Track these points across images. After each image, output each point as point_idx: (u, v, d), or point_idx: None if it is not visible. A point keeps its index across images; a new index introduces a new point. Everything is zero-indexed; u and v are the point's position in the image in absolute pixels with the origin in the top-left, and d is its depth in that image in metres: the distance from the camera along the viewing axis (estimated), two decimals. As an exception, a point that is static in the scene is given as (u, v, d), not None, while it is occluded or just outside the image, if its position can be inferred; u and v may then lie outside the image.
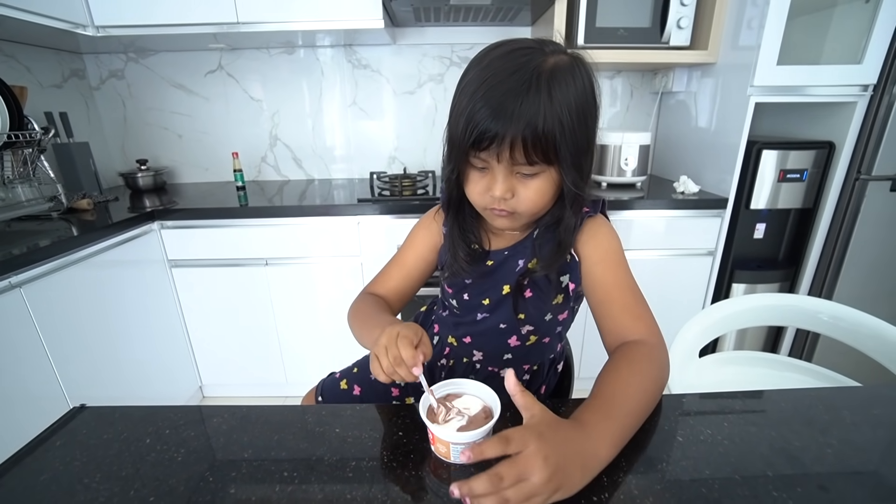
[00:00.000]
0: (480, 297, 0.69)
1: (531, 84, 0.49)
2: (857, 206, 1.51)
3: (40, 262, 1.10)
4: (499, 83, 0.49)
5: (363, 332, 0.62)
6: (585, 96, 0.53)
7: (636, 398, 0.47)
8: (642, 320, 0.57)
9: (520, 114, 0.48)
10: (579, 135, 0.52)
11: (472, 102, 0.51)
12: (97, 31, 1.51)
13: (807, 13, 1.53)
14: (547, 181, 0.55)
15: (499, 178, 0.54)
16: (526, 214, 0.58)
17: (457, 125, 0.53)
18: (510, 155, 0.51)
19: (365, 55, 1.92)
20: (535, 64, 0.50)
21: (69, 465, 0.43)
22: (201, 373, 1.76)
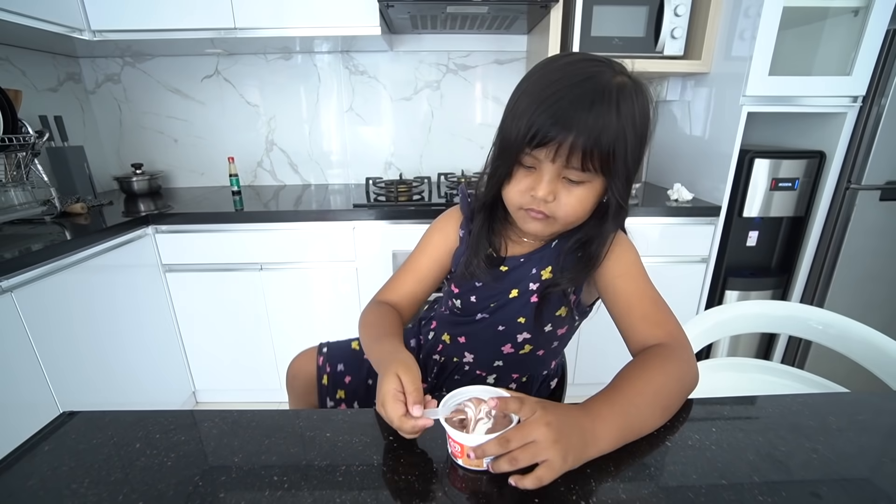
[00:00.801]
0: (488, 300, 0.69)
1: (602, 95, 0.49)
2: (847, 215, 1.53)
3: (32, 267, 1.09)
4: (568, 87, 0.50)
5: (370, 351, 0.61)
6: (646, 118, 0.54)
7: (646, 392, 0.48)
8: (663, 327, 0.57)
9: (587, 120, 0.49)
10: (636, 153, 0.53)
11: (537, 101, 0.51)
12: (94, 35, 1.51)
13: (798, 25, 1.56)
14: (591, 191, 0.55)
15: (545, 178, 0.53)
16: (561, 221, 0.57)
17: (516, 123, 0.52)
18: (566, 159, 0.51)
19: (362, 61, 1.93)
20: (605, 78, 0.51)
21: (57, 471, 0.43)
22: (195, 378, 1.75)
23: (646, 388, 0.48)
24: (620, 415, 0.45)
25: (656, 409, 0.48)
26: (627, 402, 0.46)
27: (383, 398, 0.47)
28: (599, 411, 0.45)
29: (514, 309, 0.68)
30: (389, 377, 0.48)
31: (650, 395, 0.48)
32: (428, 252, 0.72)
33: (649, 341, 0.56)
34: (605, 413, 0.45)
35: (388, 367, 0.50)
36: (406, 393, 0.47)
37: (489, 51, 1.93)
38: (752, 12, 1.39)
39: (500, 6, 1.48)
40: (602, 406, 0.45)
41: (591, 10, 1.54)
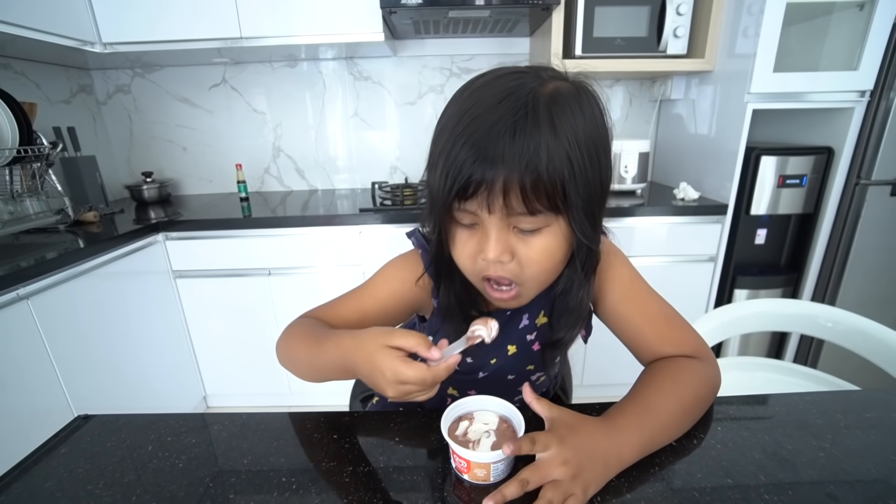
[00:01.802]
0: (486, 358, 0.61)
1: (527, 112, 0.39)
2: (857, 211, 1.51)
3: (47, 274, 1.12)
4: (484, 113, 0.40)
5: (323, 352, 0.49)
6: (596, 128, 0.43)
7: (672, 410, 0.45)
8: (686, 342, 0.52)
9: (515, 150, 0.39)
10: (591, 175, 0.42)
11: (451, 140, 0.41)
12: (105, 47, 1.55)
13: (802, 21, 1.55)
14: (554, 238, 0.44)
15: (492, 236, 0.43)
16: (532, 283, 0.47)
17: (435, 171, 0.43)
18: (504, 203, 0.40)
19: (366, 67, 1.95)
20: (529, 89, 0.41)
21: (73, 473, 0.44)
22: (205, 383, 1.77)
23: (674, 407, 0.46)
24: (648, 437, 0.43)
25: (681, 426, 0.46)
26: (657, 424, 0.44)
27: (394, 372, 0.40)
28: (625, 429, 0.43)
29: (518, 362, 0.61)
30: (380, 352, 0.41)
31: (679, 415, 0.46)
32: (382, 294, 0.60)
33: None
34: (632, 433, 0.43)
35: (366, 344, 0.42)
36: (411, 347, 0.41)
37: (492, 54, 1.93)
38: (755, 9, 1.38)
39: (501, 9, 1.49)
40: (631, 424, 0.43)
41: (592, 11, 1.55)
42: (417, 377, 0.40)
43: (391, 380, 0.40)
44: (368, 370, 0.42)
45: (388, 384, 0.41)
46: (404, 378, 0.40)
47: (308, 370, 0.53)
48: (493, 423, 0.45)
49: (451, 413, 0.46)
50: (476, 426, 0.45)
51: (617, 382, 1.54)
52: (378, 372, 0.41)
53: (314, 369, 0.52)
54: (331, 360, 0.47)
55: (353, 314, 0.58)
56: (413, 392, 0.41)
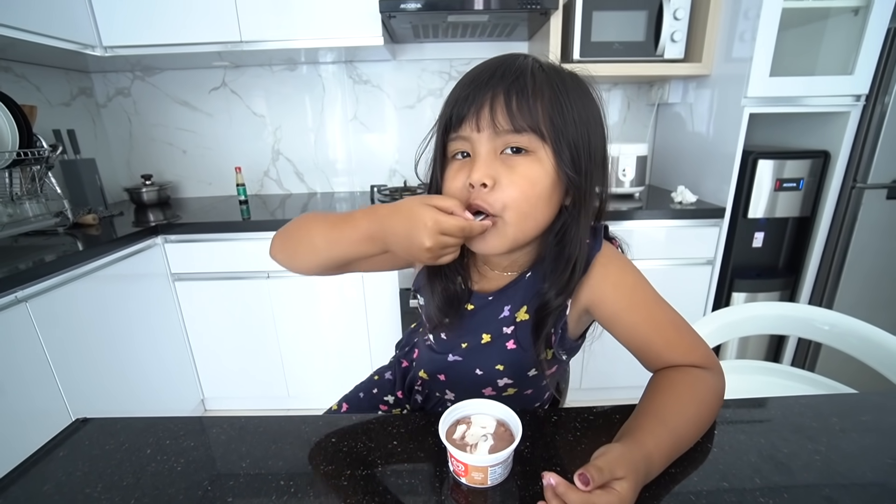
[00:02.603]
0: (458, 339, 0.60)
1: (521, 63, 0.46)
2: (854, 215, 1.52)
3: (46, 277, 1.12)
4: (480, 67, 0.48)
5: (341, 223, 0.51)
6: (586, 101, 0.49)
7: (690, 425, 0.45)
8: (696, 351, 0.50)
9: (504, 74, 0.45)
10: (577, 123, 0.46)
11: (455, 92, 0.49)
12: (105, 51, 1.55)
13: (798, 25, 1.56)
14: (538, 166, 0.47)
15: (481, 155, 0.47)
16: (515, 216, 0.47)
17: (438, 119, 0.50)
18: (492, 119, 0.45)
19: (366, 71, 1.96)
20: (524, 57, 0.48)
21: (72, 476, 0.44)
22: (203, 386, 1.77)
23: (696, 427, 0.45)
24: (670, 452, 0.42)
25: (695, 438, 0.46)
26: (683, 446, 0.44)
27: (435, 220, 0.43)
28: (659, 459, 0.41)
29: (489, 355, 0.59)
30: (422, 207, 0.45)
31: (695, 428, 0.45)
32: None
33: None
34: (664, 461, 0.42)
35: (407, 204, 0.46)
36: (449, 207, 0.45)
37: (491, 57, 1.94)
38: (751, 14, 1.40)
39: (500, 14, 1.50)
40: (663, 453, 0.42)
41: (590, 15, 1.56)
42: (457, 225, 0.44)
43: (432, 228, 0.44)
44: (407, 226, 0.45)
45: (428, 234, 0.44)
46: (445, 227, 0.44)
47: (324, 246, 0.53)
48: (490, 427, 0.46)
49: (449, 417, 0.47)
50: (474, 430, 0.45)
51: (616, 385, 1.55)
52: (420, 223, 0.44)
53: (332, 245, 0.52)
54: (360, 229, 0.49)
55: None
56: (448, 245, 0.45)
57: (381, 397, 0.79)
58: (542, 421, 0.52)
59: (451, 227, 0.44)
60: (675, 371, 0.49)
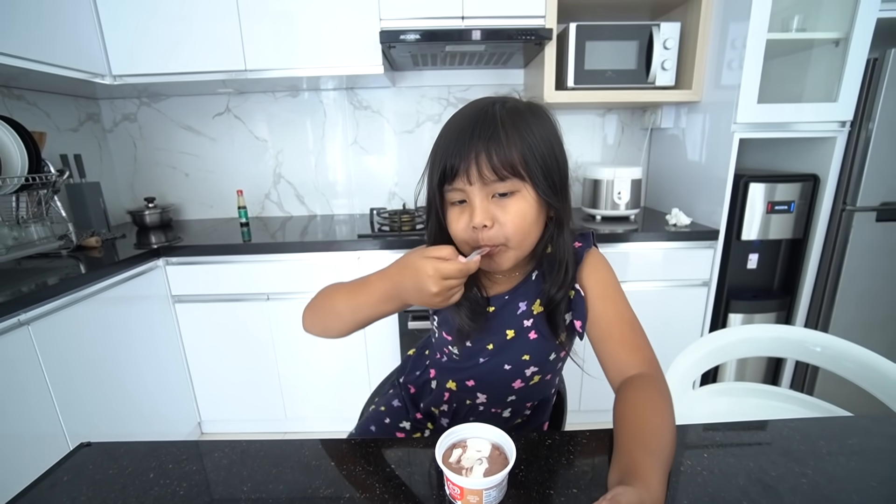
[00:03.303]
0: (483, 342, 0.68)
1: (489, 116, 0.55)
2: (845, 237, 1.55)
3: (48, 300, 1.13)
4: (459, 123, 0.56)
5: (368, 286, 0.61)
6: (545, 127, 0.58)
7: (673, 445, 0.47)
8: (640, 351, 0.59)
9: (482, 135, 0.53)
10: (545, 151, 0.56)
11: (437, 147, 0.57)
12: (114, 79, 1.60)
13: (783, 55, 1.62)
14: (525, 202, 0.56)
15: (476, 203, 0.55)
16: (515, 243, 0.57)
17: (430, 172, 0.58)
18: (479, 173, 0.54)
19: (366, 97, 2.02)
20: (492, 105, 0.56)
21: (76, 500, 0.45)
22: (200, 409, 1.76)
23: (672, 441, 0.48)
24: (664, 471, 0.44)
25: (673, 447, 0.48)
26: (664, 461, 0.45)
27: (436, 269, 0.52)
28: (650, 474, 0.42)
29: (515, 349, 0.67)
30: (423, 260, 0.53)
31: (673, 450, 0.47)
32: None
33: (629, 368, 0.57)
34: (659, 480, 0.42)
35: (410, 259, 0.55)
36: (445, 255, 0.53)
37: (488, 84, 2.00)
38: (737, 44, 1.45)
39: (496, 44, 1.56)
40: (662, 479, 0.43)
41: (584, 45, 1.62)
42: (456, 269, 0.52)
43: (435, 276, 0.52)
44: (414, 279, 0.54)
45: (434, 281, 0.52)
46: (446, 272, 0.52)
47: (349, 313, 0.63)
48: (485, 451, 0.47)
49: (445, 441, 0.48)
50: (469, 453, 0.46)
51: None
52: (424, 274, 0.52)
53: (356, 311, 0.62)
54: (377, 291, 0.60)
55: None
56: (453, 287, 0.53)
57: (397, 425, 0.79)
58: (536, 444, 0.53)
59: (452, 271, 0.52)
60: (640, 393, 0.54)
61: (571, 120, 2.07)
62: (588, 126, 2.08)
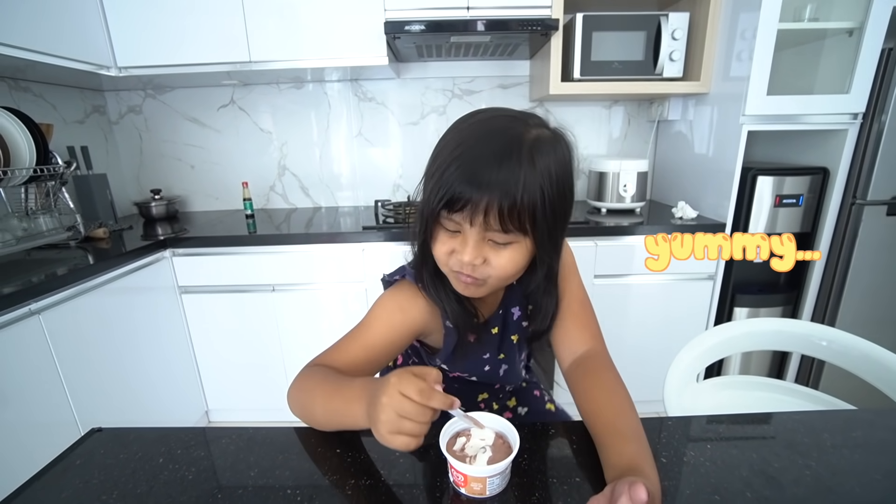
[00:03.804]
0: (496, 356, 0.69)
1: (512, 150, 0.47)
2: (854, 231, 1.53)
3: (58, 290, 1.15)
4: (477, 145, 0.48)
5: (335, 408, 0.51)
6: (566, 170, 0.52)
7: (636, 420, 0.50)
8: (588, 328, 0.62)
9: (499, 178, 0.46)
10: (558, 206, 0.50)
11: (447, 163, 0.49)
12: (120, 71, 1.61)
13: (794, 46, 1.60)
14: (520, 251, 0.52)
15: (469, 243, 0.50)
16: (494, 281, 0.54)
17: (431, 185, 0.50)
18: (484, 220, 0.48)
19: (370, 88, 2.01)
20: (516, 132, 0.49)
21: (88, 484, 0.46)
22: (208, 398, 1.78)
23: (635, 418, 0.50)
24: (646, 448, 0.46)
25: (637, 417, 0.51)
26: (641, 439, 0.47)
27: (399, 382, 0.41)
28: (643, 463, 0.44)
29: (520, 349, 0.71)
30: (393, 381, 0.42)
31: (634, 415, 0.50)
32: (384, 330, 0.61)
33: (577, 345, 0.62)
34: (654, 469, 0.43)
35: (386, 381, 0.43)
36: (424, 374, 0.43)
37: (493, 76, 1.99)
38: (747, 34, 1.43)
39: (502, 35, 1.54)
40: (647, 464, 0.44)
41: (590, 35, 1.60)
42: (412, 409, 0.40)
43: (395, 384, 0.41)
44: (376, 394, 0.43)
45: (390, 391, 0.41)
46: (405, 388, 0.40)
47: (325, 423, 0.54)
48: (489, 439, 0.47)
49: (449, 429, 0.48)
50: (473, 442, 0.47)
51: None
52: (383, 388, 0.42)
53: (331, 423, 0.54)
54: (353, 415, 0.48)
55: (359, 351, 0.60)
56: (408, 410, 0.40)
57: None
58: (539, 434, 0.53)
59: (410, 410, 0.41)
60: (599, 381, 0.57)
61: (577, 112, 2.05)
62: (594, 118, 2.06)
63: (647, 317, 1.67)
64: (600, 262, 1.59)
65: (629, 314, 1.67)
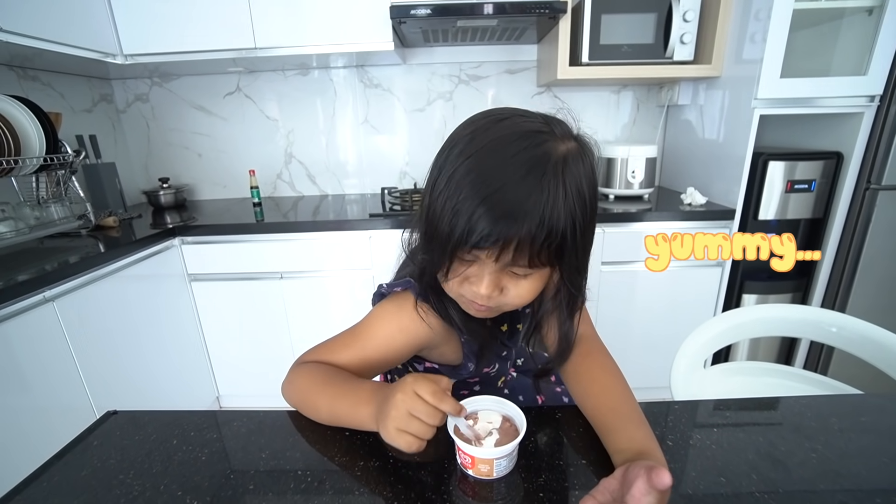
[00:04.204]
0: (510, 360, 0.69)
1: (544, 173, 0.41)
2: (867, 217, 1.51)
3: (71, 277, 1.17)
4: (500, 168, 0.41)
5: (341, 408, 0.50)
6: (594, 186, 0.46)
7: (636, 407, 0.50)
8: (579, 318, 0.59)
9: (528, 209, 0.40)
10: (588, 233, 0.46)
11: (467, 193, 0.41)
12: (126, 59, 1.61)
13: (810, 26, 1.55)
14: (541, 280, 0.48)
15: (486, 277, 0.45)
16: (510, 308, 0.51)
17: (449, 216, 0.42)
18: (512, 258, 0.42)
19: (376, 75, 1.99)
20: (545, 149, 0.42)
21: (106, 463, 0.47)
22: (218, 384, 1.81)
23: (634, 399, 0.51)
24: (651, 432, 0.46)
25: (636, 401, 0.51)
26: (644, 422, 0.47)
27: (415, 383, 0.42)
28: (653, 448, 0.44)
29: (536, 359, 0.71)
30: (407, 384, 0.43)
31: (635, 399, 0.51)
32: (383, 347, 0.57)
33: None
34: (655, 446, 0.44)
35: (403, 381, 0.44)
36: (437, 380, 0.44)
37: (500, 61, 1.96)
38: (762, 15, 1.39)
39: (509, 18, 1.51)
40: (649, 440, 0.45)
41: (599, 18, 1.57)
42: (431, 387, 0.42)
43: (411, 383, 0.43)
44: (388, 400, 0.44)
45: (406, 389, 0.42)
46: (420, 388, 0.42)
47: (328, 419, 0.53)
48: (496, 422, 0.48)
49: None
50: (481, 424, 0.48)
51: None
52: (399, 386, 0.43)
53: (333, 420, 0.53)
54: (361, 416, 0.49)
55: (353, 360, 0.57)
56: (419, 409, 0.41)
57: None
58: (546, 418, 0.54)
59: (428, 388, 0.42)
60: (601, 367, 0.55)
61: (585, 97, 2.02)
62: (602, 103, 2.03)
63: (655, 303, 1.67)
64: (608, 248, 1.58)
65: (637, 301, 1.67)
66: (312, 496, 0.43)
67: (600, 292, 1.64)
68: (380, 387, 0.49)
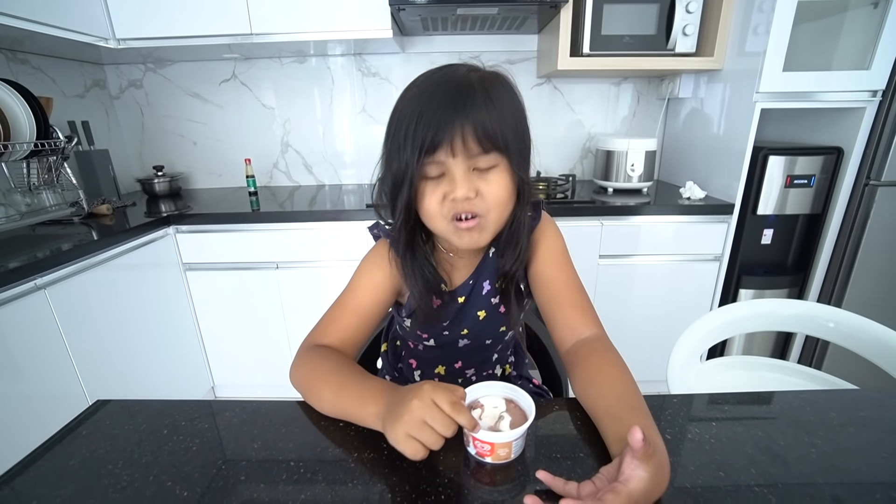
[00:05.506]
0: (458, 329, 0.70)
1: (468, 88, 0.51)
2: (866, 212, 1.50)
3: (63, 265, 1.15)
4: (435, 95, 0.51)
5: (345, 400, 0.51)
6: (515, 99, 0.56)
7: (637, 394, 0.50)
8: (588, 314, 0.61)
9: (468, 108, 0.50)
10: (519, 127, 0.55)
11: (414, 118, 0.51)
12: (118, 43, 1.57)
13: (814, 19, 1.53)
14: (504, 174, 0.55)
15: (458, 177, 0.52)
16: (493, 216, 0.56)
17: (403, 142, 0.52)
18: (464, 146, 0.51)
19: (374, 63, 1.96)
20: (462, 76, 0.53)
21: (95, 453, 0.46)
22: (214, 374, 1.81)
23: (640, 394, 0.50)
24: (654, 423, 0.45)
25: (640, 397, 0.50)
26: (648, 413, 0.47)
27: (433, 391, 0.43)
28: (653, 435, 0.43)
29: (490, 324, 0.70)
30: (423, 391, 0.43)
31: (641, 394, 0.50)
32: (368, 290, 0.66)
33: (580, 330, 0.60)
34: (656, 434, 0.44)
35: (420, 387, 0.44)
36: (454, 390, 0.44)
37: (500, 51, 1.94)
38: (765, 7, 1.38)
39: (510, 6, 1.49)
40: (650, 428, 0.44)
41: (601, 8, 1.54)
42: (450, 397, 0.42)
43: (429, 391, 0.43)
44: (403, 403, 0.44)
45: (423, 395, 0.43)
46: (438, 397, 0.42)
47: (331, 411, 0.53)
48: (502, 406, 0.48)
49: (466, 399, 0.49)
50: (488, 411, 0.48)
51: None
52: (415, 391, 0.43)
53: (337, 414, 0.53)
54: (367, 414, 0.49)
55: (352, 317, 0.65)
56: (435, 418, 0.41)
57: None
58: (544, 408, 0.53)
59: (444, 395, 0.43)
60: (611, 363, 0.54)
61: (585, 89, 2.00)
62: (602, 95, 2.01)
63: (652, 297, 1.67)
64: (606, 242, 1.58)
65: (634, 295, 1.67)
66: (305, 487, 0.42)
67: (598, 286, 1.64)
68: (391, 386, 0.50)
